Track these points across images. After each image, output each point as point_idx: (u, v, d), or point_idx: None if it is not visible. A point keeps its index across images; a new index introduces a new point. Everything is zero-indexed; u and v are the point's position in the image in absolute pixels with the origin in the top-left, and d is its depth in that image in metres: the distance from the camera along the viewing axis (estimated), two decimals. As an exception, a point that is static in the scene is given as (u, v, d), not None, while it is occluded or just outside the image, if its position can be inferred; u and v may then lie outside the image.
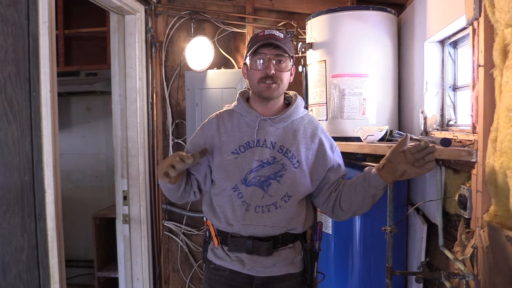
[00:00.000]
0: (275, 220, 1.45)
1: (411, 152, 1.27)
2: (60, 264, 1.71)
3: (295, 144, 1.49)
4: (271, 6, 2.75)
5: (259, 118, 1.49)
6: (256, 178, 1.45)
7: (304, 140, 1.51)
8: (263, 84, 1.45)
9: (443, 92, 1.92)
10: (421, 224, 1.92)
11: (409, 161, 1.28)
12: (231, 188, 1.46)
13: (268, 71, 1.43)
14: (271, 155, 1.46)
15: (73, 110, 3.92)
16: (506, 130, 1.12)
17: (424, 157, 1.26)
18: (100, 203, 3.68)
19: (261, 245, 1.44)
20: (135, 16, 2.62)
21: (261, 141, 1.47)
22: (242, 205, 1.45)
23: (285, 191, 1.45)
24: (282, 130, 1.50)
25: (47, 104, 1.65)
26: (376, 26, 2.07)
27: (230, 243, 1.46)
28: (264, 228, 1.45)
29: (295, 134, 1.51)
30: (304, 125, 1.55)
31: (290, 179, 1.46)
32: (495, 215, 1.22)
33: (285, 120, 1.51)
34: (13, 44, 1.53)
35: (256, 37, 1.49)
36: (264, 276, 1.46)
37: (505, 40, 1.14)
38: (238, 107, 1.55)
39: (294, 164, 1.47)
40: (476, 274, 1.36)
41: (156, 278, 2.86)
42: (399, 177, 1.32)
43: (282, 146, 1.47)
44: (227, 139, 1.49)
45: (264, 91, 1.46)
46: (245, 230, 1.45)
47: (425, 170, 1.28)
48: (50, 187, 1.66)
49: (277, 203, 1.45)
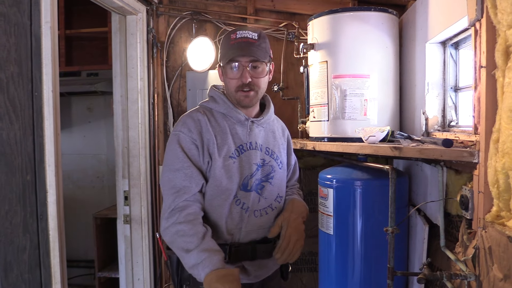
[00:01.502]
0: (272, 222, 1.46)
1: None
2: (61, 264, 1.71)
3: (276, 145, 1.50)
4: (273, 6, 2.76)
5: (249, 119, 1.43)
6: (255, 182, 1.41)
7: (280, 140, 1.54)
8: (241, 93, 1.39)
9: (444, 93, 1.92)
10: (422, 225, 1.92)
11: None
12: (232, 196, 1.38)
13: (244, 80, 1.37)
14: (261, 157, 1.44)
15: (74, 110, 3.93)
16: (508, 131, 1.12)
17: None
18: (101, 203, 3.68)
19: (264, 248, 1.42)
20: (137, 16, 2.62)
21: (253, 143, 1.43)
22: (243, 212, 1.39)
23: (276, 193, 1.46)
24: (264, 132, 1.48)
25: (49, 104, 1.66)
26: (378, 27, 2.07)
27: (232, 255, 1.38)
28: (263, 231, 1.44)
29: (274, 135, 1.51)
30: (276, 124, 1.56)
31: (278, 180, 1.47)
32: (497, 216, 1.22)
33: (267, 122, 1.50)
34: (16, 44, 1.53)
35: (228, 40, 1.40)
36: (261, 279, 1.46)
37: (507, 41, 1.14)
38: (223, 107, 1.44)
39: (279, 165, 1.49)
40: (477, 275, 1.36)
41: (157, 279, 2.86)
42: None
43: (268, 148, 1.47)
44: (221, 141, 1.39)
45: (242, 100, 1.40)
46: (246, 236, 1.40)
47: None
48: (52, 187, 1.66)
49: (272, 204, 1.45)
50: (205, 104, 1.47)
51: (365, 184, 2.00)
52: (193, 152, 1.36)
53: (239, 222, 1.39)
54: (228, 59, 1.36)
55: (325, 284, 2.19)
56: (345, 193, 2.02)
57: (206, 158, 1.36)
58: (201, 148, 1.36)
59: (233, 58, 1.36)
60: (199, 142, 1.36)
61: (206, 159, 1.37)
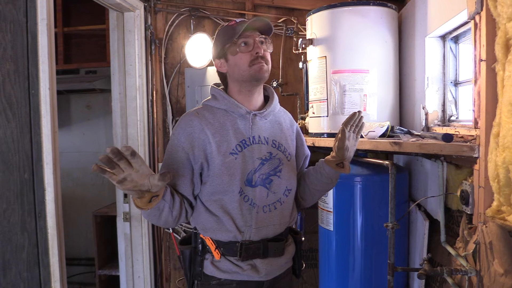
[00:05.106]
0: (282, 217, 1.43)
1: (345, 125, 1.42)
2: (60, 262, 1.70)
3: (284, 137, 1.48)
4: (271, 2, 2.74)
5: (251, 113, 1.40)
6: (260, 177, 1.38)
7: (288, 131, 1.51)
8: (256, 65, 1.35)
9: (444, 87, 1.91)
10: (422, 220, 1.91)
11: (347, 136, 1.42)
12: (237, 193, 1.35)
13: (259, 50, 1.36)
14: (268, 151, 1.42)
15: (73, 108, 3.92)
16: (509, 124, 1.11)
17: (357, 123, 1.44)
18: (101, 201, 3.68)
19: (276, 246, 1.40)
20: (134, 13, 2.61)
21: (256, 137, 1.41)
22: (251, 208, 1.37)
23: (285, 186, 1.44)
24: (269, 124, 1.46)
25: (46, 102, 1.65)
26: (377, 21, 2.06)
27: (243, 252, 1.36)
28: (273, 228, 1.41)
29: (281, 127, 1.49)
30: (283, 116, 1.54)
31: (287, 172, 1.44)
32: (498, 210, 1.21)
33: (272, 113, 1.48)
34: (12, 41, 1.52)
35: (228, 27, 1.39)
36: (272, 278, 1.42)
37: (507, 34, 1.13)
38: (223, 103, 1.41)
39: (288, 157, 1.46)
40: (478, 270, 1.36)
41: (157, 276, 2.86)
42: (346, 152, 1.44)
43: (274, 141, 1.44)
44: (220, 139, 1.36)
45: (258, 72, 1.36)
46: (257, 234, 1.37)
47: (359, 134, 1.47)
48: (50, 185, 1.66)
49: (281, 199, 1.43)
50: (207, 102, 1.46)
51: (365, 180, 2.00)
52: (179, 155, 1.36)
53: (249, 219, 1.37)
54: (238, 35, 1.35)
55: (325, 280, 2.19)
56: (345, 189, 2.01)
57: (199, 159, 1.34)
58: (190, 151, 1.35)
59: (243, 33, 1.36)
60: (187, 145, 1.35)
61: (199, 160, 1.34)
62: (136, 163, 1.10)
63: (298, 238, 1.53)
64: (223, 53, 1.41)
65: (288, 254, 1.46)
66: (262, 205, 1.38)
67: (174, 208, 1.32)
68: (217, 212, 1.37)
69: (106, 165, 1.07)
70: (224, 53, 1.40)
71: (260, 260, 1.38)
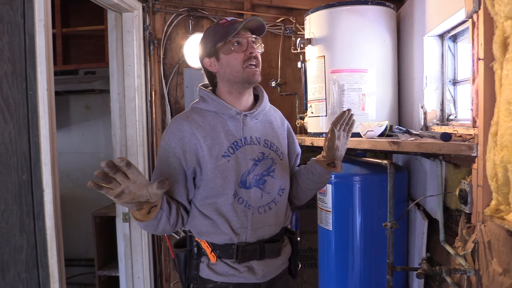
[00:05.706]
0: (277, 217, 1.43)
1: (334, 125, 1.40)
2: (59, 263, 1.70)
3: (275, 136, 1.47)
4: (270, 2, 2.74)
5: (241, 113, 1.38)
6: (254, 178, 1.37)
7: (279, 130, 1.50)
8: (251, 69, 1.34)
9: (443, 86, 1.91)
10: (421, 219, 1.91)
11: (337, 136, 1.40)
12: (232, 195, 1.34)
13: (253, 50, 1.34)
14: (260, 151, 1.40)
15: (72, 109, 3.92)
16: (507, 123, 1.10)
17: (347, 122, 1.43)
18: (100, 201, 3.66)
19: (273, 247, 1.39)
20: (133, 13, 2.61)
21: (248, 138, 1.39)
22: (246, 210, 1.36)
23: (278, 186, 1.43)
24: (260, 124, 1.44)
25: (44, 103, 1.64)
26: (375, 20, 2.06)
27: (240, 254, 1.35)
28: (269, 228, 1.41)
29: (272, 126, 1.48)
30: (273, 114, 1.53)
31: (280, 172, 1.43)
32: (496, 209, 1.21)
33: (262, 113, 1.46)
34: (9, 42, 1.52)
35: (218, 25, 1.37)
36: (269, 279, 1.41)
37: (505, 33, 1.13)
38: (212, 105, 1.39)
39: (280, 156, 1.45)
40: (477, 269, 1.35)
41: (157, 276, 2.86)
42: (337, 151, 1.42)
43: (266, 140, 1.43)
44: (211, 142, 1.33)
45: (252, 76, 1.34)
46: (253, 235, 1.37)
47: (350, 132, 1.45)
48: (49, 186, 1.65)
49: (276, 199, 1.42)
50: (196, 105, 1.44)
51: (364, 179, 2.00)
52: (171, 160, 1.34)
53: (244, 221, 1.36)
54: (233, 34, 1.32)
55: (325, 280, 2.18)
56: (344, 189, 2.01)
57: (191, 164, 1.33)
58: (182, 156, 1.33)
59: (238, 33, 1.33)
60: (179, 150, 1.33)
61: (192, 165, 1.33)
62: (132, 174, 1.08)
63: (294, 239, 1.53)
64: (214, 52, 1.38)
65: (284, 255, 1.45)
66: (257, 206, 1.37)
67: (171, 216, 1.31)
68: (212, 216, 1.36)
69: (102, 180, 1.05)
70: (216, 52, 1.37)
71: (257, 262, 1.37)
